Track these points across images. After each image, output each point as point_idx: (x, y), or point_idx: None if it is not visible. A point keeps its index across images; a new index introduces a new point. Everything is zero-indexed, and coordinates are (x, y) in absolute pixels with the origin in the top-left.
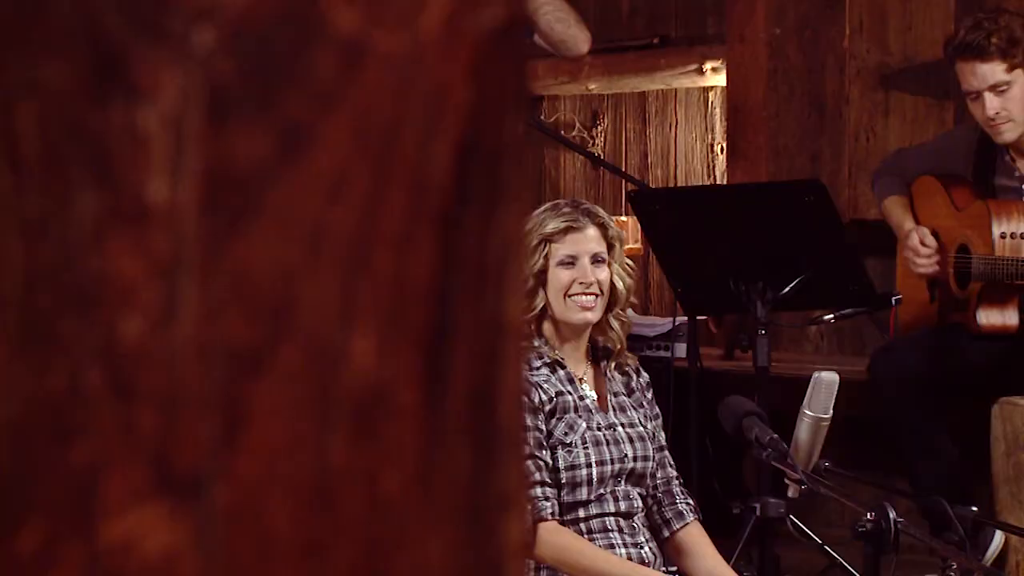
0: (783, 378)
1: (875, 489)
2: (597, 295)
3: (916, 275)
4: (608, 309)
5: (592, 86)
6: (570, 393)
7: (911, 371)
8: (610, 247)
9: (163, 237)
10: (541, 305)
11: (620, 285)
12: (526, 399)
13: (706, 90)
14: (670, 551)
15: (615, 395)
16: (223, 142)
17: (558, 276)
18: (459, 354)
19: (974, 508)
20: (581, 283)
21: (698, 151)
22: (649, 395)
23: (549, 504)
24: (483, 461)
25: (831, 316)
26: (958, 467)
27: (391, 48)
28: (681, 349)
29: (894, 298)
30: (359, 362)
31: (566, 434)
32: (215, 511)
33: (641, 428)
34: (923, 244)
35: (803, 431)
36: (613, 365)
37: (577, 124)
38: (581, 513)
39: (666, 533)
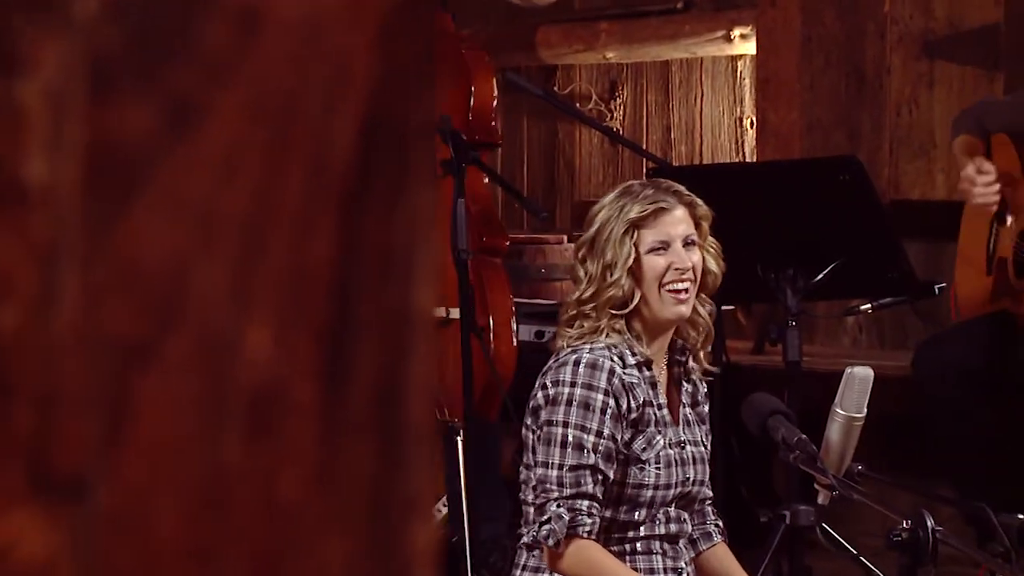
0: (817, 373)
1: (914, 495)
2: (692, 282)
3: (978, 208)
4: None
5: (610, 55)
6: (653, 401)
7: (958, 365)
8: (698, 227)
9: (42, 220)
10: (638, 300)
11: (713, 267)
12: (612, 403)
13: (734, 59)
14: (695, 572)
15: (683, 406)
16: (107, 117)
17: (654, 264)
18: (362, 346)
19: (1021, 516)
20: (677, 268)
21: (725, 126)
22: (707, 407)
23: (591, 522)
24: (388, 461)
25: (868, 306)
26: (1007, 471)
27: (289, 16)
28: None
29: (937, 287)
30: (254, 355)
31: (644, 449)
32: (97, 515)
33: (703, 448)
34: (980, 172)
35: (834, 431)
36: (688, 364)
37: (593, 96)
38: (630, 533)
39: (691, 554)
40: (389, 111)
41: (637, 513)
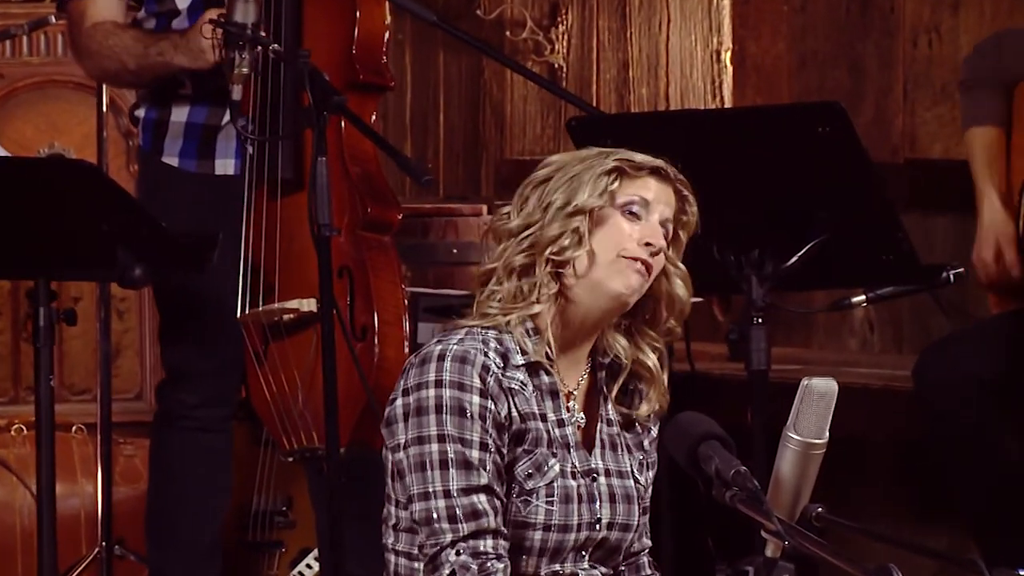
0: None
1: (892, 546)
2: (650, 269)
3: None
4: (645, 322)
5: None
6: (548, 415)
7: (970, 375)
8: (674, 238)
9: None
10: (579, 258)
11: (680, 291)
12: (491, 407)
13: None
14: None
15: (609, 425)
16: None
17: (622, 225)
18: None
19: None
20: (648, 244)
21: (699, 61)
22: (655, 431)
23: (503, 567)
24: None
25: (862, 298)
26: None
27: None
28: None
29: (951, 272)
30: None
31: (529, 476)
32: None
33: (631, 482)
34: (995, 261)
35: (786, 462)
36: (618, 386)
37: (529, 22)
38: None
39: None
40: None
41: (522, 563)
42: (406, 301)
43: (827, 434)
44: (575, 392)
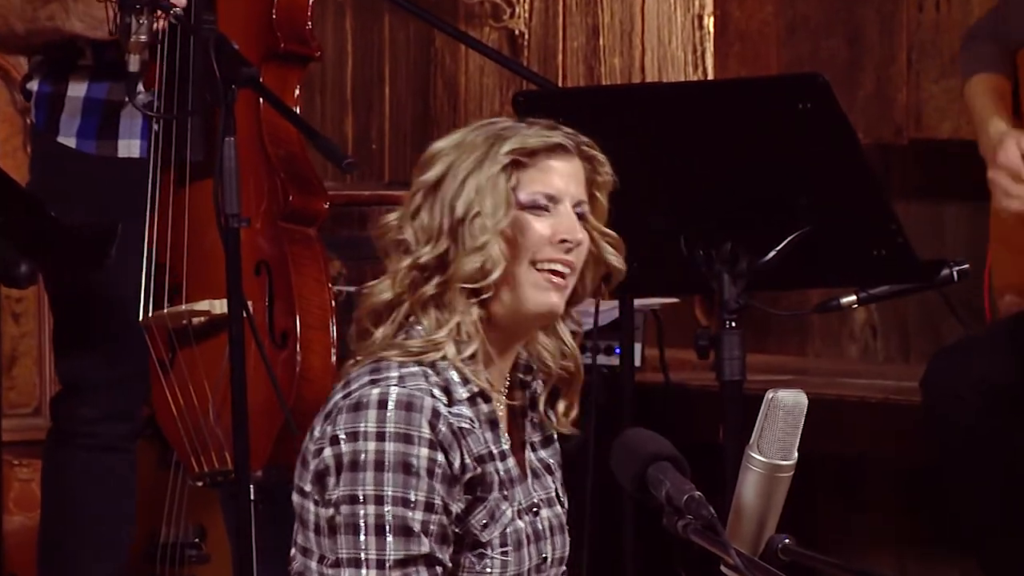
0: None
1: None
2: (571, 267)
3: (1008, 213)
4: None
5: None
6: (493, 451)
7: (982, 383)
8: (591, 199)
9: None
10: (499, 274)
11: (613, 258)
12: (441, 460)
13: None
14: None
15: (533, 449)
16: None
17: (532, 227)
18: None
19: None
20: (564, 240)
21: (679, 27)
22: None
23: None
24: None
25: (853, 299)
26: None
27: None
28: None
29: (954, 269)
30: None
31: (485, 526)
32: None
33: (559, 508)
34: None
35: (749, 486)
36: (544, 399)
37: None
38: None
39: None
40: None
41: None
42: (334, 302)
43: (795, 455)
44: (501, 413)
